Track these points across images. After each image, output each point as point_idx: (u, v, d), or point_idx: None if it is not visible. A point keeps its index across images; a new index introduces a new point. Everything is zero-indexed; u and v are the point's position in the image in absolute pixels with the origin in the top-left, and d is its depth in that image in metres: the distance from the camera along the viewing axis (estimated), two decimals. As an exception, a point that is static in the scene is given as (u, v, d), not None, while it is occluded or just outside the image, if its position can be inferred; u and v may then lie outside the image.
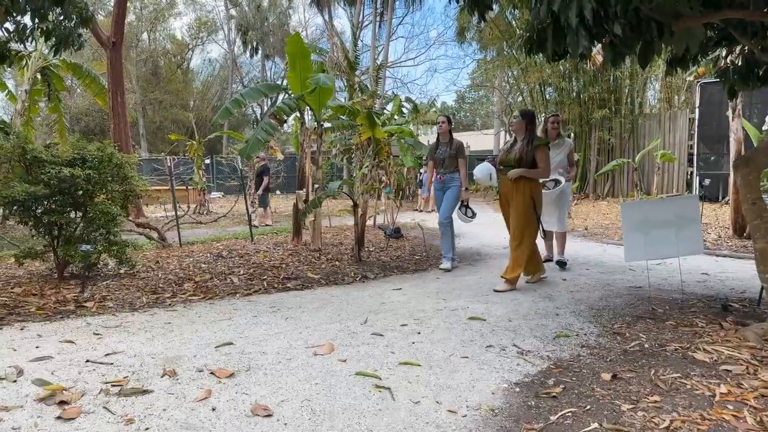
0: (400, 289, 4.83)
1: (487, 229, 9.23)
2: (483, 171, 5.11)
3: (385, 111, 11.85)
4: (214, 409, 2.30)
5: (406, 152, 8.90)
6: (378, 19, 25.09)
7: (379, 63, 22.19)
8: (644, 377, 2.65)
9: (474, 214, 5.82)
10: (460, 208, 5.75)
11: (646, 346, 3.12)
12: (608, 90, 16.39)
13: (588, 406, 2.34)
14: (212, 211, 14.15)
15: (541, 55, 3.44)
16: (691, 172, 14.77)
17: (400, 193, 12.41)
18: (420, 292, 4.69)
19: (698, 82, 13.64)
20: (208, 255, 6.66)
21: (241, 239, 8.47)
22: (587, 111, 16.51)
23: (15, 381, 2.58)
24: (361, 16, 25.77)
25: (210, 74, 38.64)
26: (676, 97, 19.23)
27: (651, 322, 3.63)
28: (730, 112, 8.16)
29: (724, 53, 4.70)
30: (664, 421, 2.19)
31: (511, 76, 19.71)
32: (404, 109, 12.39)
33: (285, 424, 2.18)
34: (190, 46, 36.68)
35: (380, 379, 2.65)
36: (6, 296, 4.38)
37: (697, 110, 14.04)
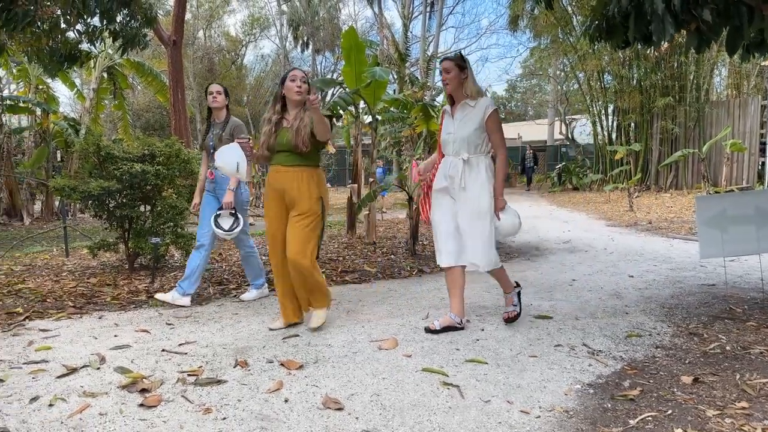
0: (459, 283, 4.77)
1: (543, 222, 9.01)
2: (227, 157, 3.32)
3: (435, 103, 11.77)
4: (286, 401, 2.34)
5: None
6: (428, 9, 24.86)
7: (429, 54, 21.99)
8: (729, 382, 2.51)
9: (234, 227, 3.95)
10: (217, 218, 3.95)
11: (728, 348, 2.95)
12: (672, 77, 15.61)
13: (669, 411, 2.23)
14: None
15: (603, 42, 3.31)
16: (763, 163, 13.90)
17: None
18: (479, 287, 4.62)
19: (772, 66, 12.79)
20: (268, 248, 6.80)
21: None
22: (649, 99, 15.80)
23: (98, 368, 2.71)
24: (411, 7, 25.62)
25: (262, 70, 39.41)
26: (746, 83, 18.10)
27: (730, 322, 3.43)
28: (811, 98, 7.60)
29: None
30: (756, 429, 2.06)
31: (567, 64, 19.10)
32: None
33: (356, 418, 2.19)
34: (244, 43, 37.52)
35: (447, 376, 2.62)
36: (83, 286, 4.62)
37: (770, 96, 13.17)
